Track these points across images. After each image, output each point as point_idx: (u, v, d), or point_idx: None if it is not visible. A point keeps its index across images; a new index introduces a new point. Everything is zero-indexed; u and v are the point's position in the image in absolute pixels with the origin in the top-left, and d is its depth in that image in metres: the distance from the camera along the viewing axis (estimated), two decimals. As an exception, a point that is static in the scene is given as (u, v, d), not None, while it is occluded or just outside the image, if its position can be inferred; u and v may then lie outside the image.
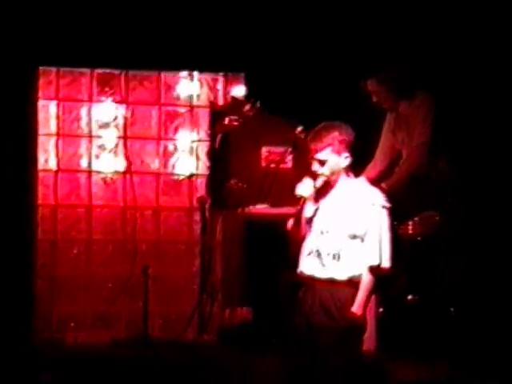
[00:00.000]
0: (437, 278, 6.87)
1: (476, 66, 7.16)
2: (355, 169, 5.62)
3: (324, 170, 5.46)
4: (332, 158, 5.46)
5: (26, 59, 6.72)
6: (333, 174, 5.48)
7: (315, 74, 7.25)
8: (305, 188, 5.46)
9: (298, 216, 5.49)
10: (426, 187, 6.89)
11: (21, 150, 6.71)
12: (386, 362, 6.40)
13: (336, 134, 5.47)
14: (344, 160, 5.47)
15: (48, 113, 7.47)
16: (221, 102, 7.62)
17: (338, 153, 5.46)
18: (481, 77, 7.16)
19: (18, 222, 6.67)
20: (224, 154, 7.31)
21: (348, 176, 5.53)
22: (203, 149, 7.62)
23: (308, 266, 5.46)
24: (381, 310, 6.57)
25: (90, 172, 7.55)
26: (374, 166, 7.01)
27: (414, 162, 6.89)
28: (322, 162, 5.46)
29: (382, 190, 5.68)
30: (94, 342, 7.12)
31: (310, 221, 5.49)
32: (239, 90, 7.44)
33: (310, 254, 5.47)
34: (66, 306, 7.41)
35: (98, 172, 7.57)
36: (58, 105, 7.51)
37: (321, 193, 5.49)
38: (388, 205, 5.48)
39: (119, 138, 7.60)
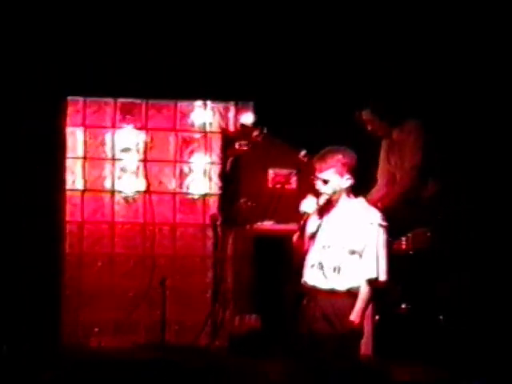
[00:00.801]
0: (427, 289, 6.87)
1: (463, 94, 7.18)
2: (358, 190, 5.62)
3: (327, 189, 5.48)
4: (335, 178, 5.48)
5: (56, 90, 6.73)
6: (335, 193, 5.49)
7: (317, 104, 7.21)
8: (308, 205, 5.49)
9: (301, 230, 5.51)
10: (418, 206, 6.92)
11: (51, 172, 6.72)
12: (382, 364, 6.39)
13: (340, 157, 5.50)
14: (346, 181, 5.50)
15: (75, 138, 7.51)
16: (231, 128, 7.62)
17: (341, 174, 5.48)
18: (469, 103, 7.17)
19: (48, 237, 6.67)
20: (234, 175, 7.32)
21: (348, 196, 5.53)
22: (215, 171, 7.63)
23: (311, 277, 5.48)
24: (377, 317, 6.54)
25: (113, 192, 7.58)
26: (378, 190, 7.00)
27: (405, 184, 6.89)
28: (326, 182, 5.48)
29: (379, 210, 5.68)
30: (116, 346, 7.14)
31: (313, 236, 5.50)
32: (248, 118, 7.47)
33: (313, 266, 5.49)
34: (91, 313, 7.42)
35: (120, 192, 7.59)
36: (84, 131, 7.56)
37: (323, 210, 5.51)
38: (385, 223, 5.49)
39: (140, 161, 7.63)
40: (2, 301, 6.37)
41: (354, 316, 5.37)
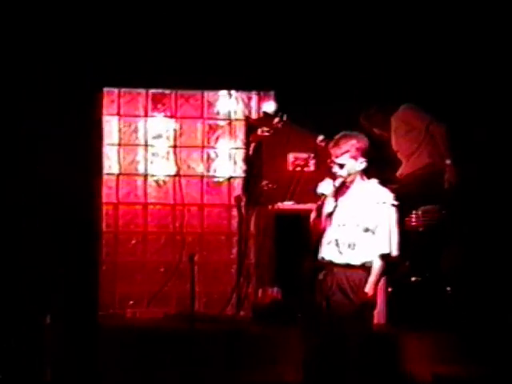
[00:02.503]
0: (436, 262, 6.89)
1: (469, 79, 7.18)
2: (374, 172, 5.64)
3: (342, 172, 5.49)
4: (349, 162, 5.48)
5: (93, 82, 6.70)
6: (349, 175, 5.51)
7: (333, 93, 7.19)
8: (325, 187, 5.50)
9: (319, 210, 5.52)
10: (430, 184, 6.94)
11: (89, 158, 6.73)
12: (394, 332, 6.44)
13: (354, 141, 5.50)
14: (360, 164, 5.50)
15: (111, 126, 7.53)
16: (254, 116, 7.61)
17: (355, 158, 5.49)
18: (478, 91, 7.16)
19: (86, 217, 6.66)
20: (257, 159, 7.32)
21: (362, 178, 5.53)
22: (240, 155, 7.65)
23: (328, 253, 5.51)
24: (389, 289, 6.62)
25: (145, 175, 7.60)
26: (405, 165, 7.04)
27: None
28: (341, 166, 5.49)
29: (391, 190, 5.66)
30: (149, 317, 7.16)
31: (329, 215, 5.51)
32: (270, 106, 7.43)
33: (329, 243, 5.51)
34: (126, 286, 7.45)
35: (153, 175, 7.61)
36: (119, 119, 7.58)
37: (339, 192, 5.52)
38: (396, 203, 5.50)
39: (170, 146, 7.63)
40: (46, 273, 6.42)
41: (368, 288, 5.40)
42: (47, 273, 6.42)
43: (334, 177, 5.52)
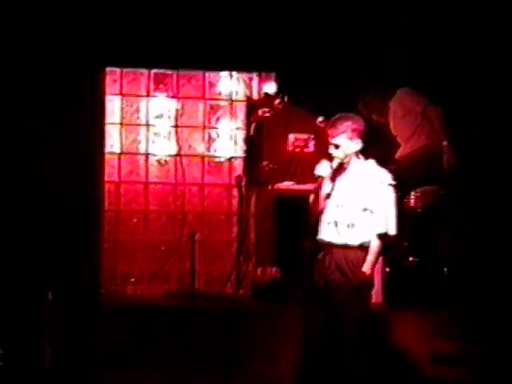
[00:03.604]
0: (433, 243, 6.91)
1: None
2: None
3: (338, 153, 5.48)
4: (345, 143, 5.48)
5: (95, 61, 6.72)
6: (346, 156, 5.50)
7: (332, 74, 7.16)
8: (323, 168, 5.50)
9: (317, 192, 5.53)
10: (428, 165, 6.94)
11: (90, 136, 6.73)
12: (391, 311, 6.46)
13: (349, 123, 5.49)
14: (356, 145, 5.49)
15: (113, 106, 7.49)
16: (255, 96, 7.59)
17: (351, 139, 5.48)
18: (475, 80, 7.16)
19: (88, 195, 6.69)
20: (258, 140, 7.32)
21: (358, 157, 5.52)
22: (240, 136, 7.62)
23: (326, 233, 5.51)
24: (387, 269, 6.62)
25: (147, 155, 7.58)
26: (404, 147, 7.03)
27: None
28: (337, 146, 5.48)
29: (389, 170, 5.66)
30: (150, 294, 7.18)
31: (328, 196, 5.51)
32: (270, 87, 7.41)
33: (328, 223, 5.51)
34: (128, 264, 7.46)
35: (154, 155, 7.59)
36: (121, 99, 7.55)
37: (336, 173, 5.52)
38: (394, 182, 5.51)
39: (171, 126, 7.61)
40: (47, 251, 6.45)
41: (366, 267, 5.41)
42: (49, 250, 6.45)
43: (331, 158, 5.52)
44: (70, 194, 6.52)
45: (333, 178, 5.51)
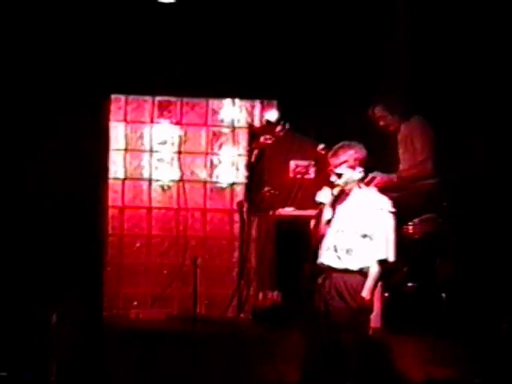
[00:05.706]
0: (432, 269, 6.90)
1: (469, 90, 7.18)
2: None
3: (340, 182, 5.54)
4: (347, 172, 5.53)
5: (100, 89, 6.76)
6: (347, 184, 5.54)
7: (333, 102, 7.16)
8: (324, 195, 5.56)
9: (318, 218, 5.57)
10: (426, 194, 6.96)
11: (95, 162, 6.76)
12: (390, 336, 6.44)
13: (352, 152, 5.54)
14: (358, 174, 5.55)
15: (118, 132, 7.53)
16: (257, 124, 7.61)
17: (353, 168, 5.53)
18: (474, 99, 7.16)
19: (92, 220, 6.70)
20: (259, 166, 7.34)
21: (360, 187, 5.57)
22: (242, 162, 7.64)
23: (326, 258, 5.54)
24: (386, 294, 6.59)
25: (150, 180, 7.60)
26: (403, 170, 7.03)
27: (413, 174, 6.95)
28: (339, 175, 5.53)
29: (389, 198, 5.69)
30: (152, 318, 7.14)
31: (328, 222, 5.54)
32: (272, 115, 7.37)
33: (328, 249, 5.55)
34: (130, 288, 7.47)
35: (157, 180, 7.61)
36: (125, 126, 7.59)
37: (337, 200, 5.56)
38: (393, 210, 5.55)
39: (175, 152, 7.63)
40: (52, 274, 6.46)
41: (365, 293, 5.44)
42: (54, 273, 6.45)
43: (332, 185, 5.56)
44: (74, 218, 6.54)
45: (333, 205, 5.56)
